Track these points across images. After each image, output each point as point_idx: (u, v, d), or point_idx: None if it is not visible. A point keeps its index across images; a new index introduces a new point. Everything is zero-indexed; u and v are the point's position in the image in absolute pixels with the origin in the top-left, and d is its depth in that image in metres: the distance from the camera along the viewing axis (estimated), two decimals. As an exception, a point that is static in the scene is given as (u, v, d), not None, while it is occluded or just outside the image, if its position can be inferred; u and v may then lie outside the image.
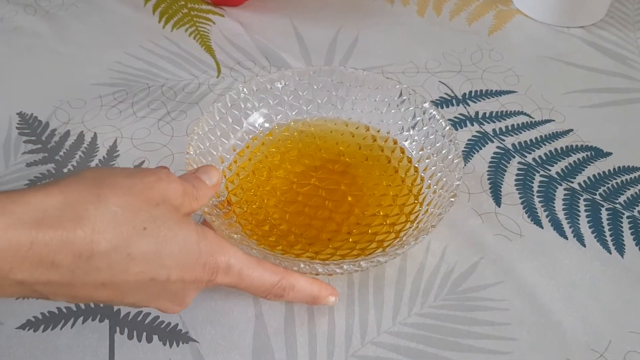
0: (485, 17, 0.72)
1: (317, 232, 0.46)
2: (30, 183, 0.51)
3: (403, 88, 0.51)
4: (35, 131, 0.56)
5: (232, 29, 0.69)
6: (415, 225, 0.45)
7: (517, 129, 0.57)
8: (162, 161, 0.53)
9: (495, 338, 0.42)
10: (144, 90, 0.61)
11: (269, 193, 0.48)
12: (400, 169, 0.50)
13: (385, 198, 0.48)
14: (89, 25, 0.70)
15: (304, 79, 0.52)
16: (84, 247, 0.31)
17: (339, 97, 0.53)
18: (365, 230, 0.46)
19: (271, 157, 0.50)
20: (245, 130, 0.51)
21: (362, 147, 0.52)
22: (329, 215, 0.47)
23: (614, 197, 0.51)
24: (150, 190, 0.34)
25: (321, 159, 0.51)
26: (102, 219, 0.32)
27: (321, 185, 0.49)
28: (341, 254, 0.44)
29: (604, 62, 0.66)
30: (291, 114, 0.53)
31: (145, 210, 0.33)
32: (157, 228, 0.34)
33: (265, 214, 0.47)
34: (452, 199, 0.43)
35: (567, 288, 0.45)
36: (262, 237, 0.45)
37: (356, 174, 0.50)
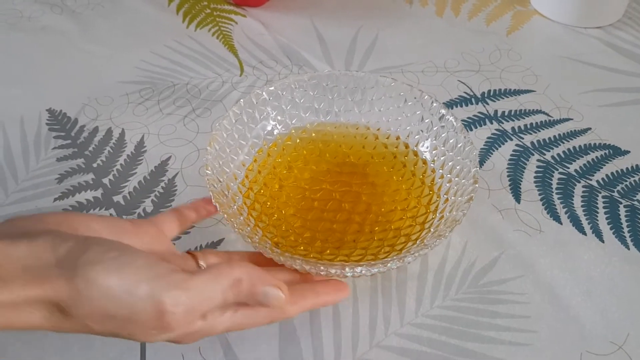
0: (503, 18, 0.73)
1: (341, 235, 0.46)
2: (60, 177, 0.53)
3: (413, 90, 0.51)
4: (65, 127, 0.58)
5: (254, 29, 0.71)
6: (440, 215, 0.46)
7: (535, 127, 0.58)
8: (189, 157, 0.55)
9: (516, 330, 0.43)
10: (170, 88, 0.62)
11: (285, 204, 0.48)
12: (407, 163, 0.51)
13: (399, 192, 0.49)
14: (114, 24, 0.71)
15: (302, 86, 0.52)
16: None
17: (335, 101, 0.53)
18: (387, 227, 0.46)
19: (279, 167, 0.51)
20: (251, 144, 0.51)
21: (366, 146, 0.52)
22: (348, 217, 0.47)
23: (632, 194, 0.52)
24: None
25: (327, 163, 0.51)
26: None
27: (334, 189, 0.49)
28: (372, 253, 0.45)
29: (621, 62, 0.66)
30: (292, 122, 0.53)
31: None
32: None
33: (287, 225, 0.47)
34: (476, 184, 0.44)
35: (586, 283, 0.46)
36: (292, 248, 0.45)
37: (365, 172, 0.50)
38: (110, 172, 0.53)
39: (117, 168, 0.54)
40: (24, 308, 0.32)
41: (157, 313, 0.32)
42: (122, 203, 0.51)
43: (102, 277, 0.32)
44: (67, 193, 0.51)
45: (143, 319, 0.32)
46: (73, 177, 0.53)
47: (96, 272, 0.32)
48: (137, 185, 0.52)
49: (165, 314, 0.32)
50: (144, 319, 0.32)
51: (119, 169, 0.54)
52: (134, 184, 0.52)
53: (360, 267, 0.40)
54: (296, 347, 0.42)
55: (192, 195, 0.51)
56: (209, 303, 0.34)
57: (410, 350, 0.42)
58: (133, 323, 0.32)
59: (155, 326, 0.32)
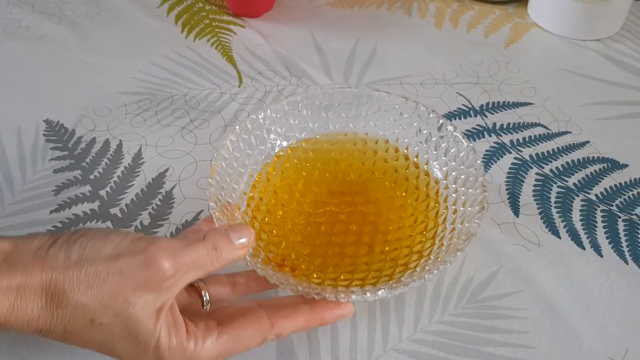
0: (501, 30, 0.73)
1: (352, 259, 0.45)
2: (57, 189, 0.53)
3: (401, 99, 0.51)
4: (62, 138, 0.57)
5: (253, 40, 0.71)
6: (451, 227, 0.45)
7: (534, 140, 0.58)
8: (187, 169, 0.54)
9: (515, 346, 0.43)
10: (168, 99, 0.62)
11: (291, 231, 0.47)
12: (409, 176, 0.50)
13: (404, 208, 0.48)
14: (113, 34, 0.71)
15: (294, 107, 0.51)
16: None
17: (330, 119, 0.52)
18: (398, 245, 0.45)
19: (280, 192, 0.49)
20: (250, 171, 0.50)
21: (365, 162, 0.51)
22: (357, 239, 0.46)
23: (630, 209, 0.52)
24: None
25: (328, 183, 0.50)
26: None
27: (339, 210, 0.48)
28: (387, 274, 0.43)
29: (620, 75, 0.66)
30: (288, 144, 0.52)
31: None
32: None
33: (296, 253, 0.45)
34: (485, 192, 0.44)
35: (585, 297, 0.46)
36: (305, 277, 0.44)
37: (367, 189, 0.49)
38: (108, 184, 0.53)
39: (115, 180, 0.53)
40: (18, 296, 0.32)
41: (146, 261, 0.34)
42: (119, 215, 0.50)
43: (90, 243, 0.34)
44: (64, 205, 0.51)
45: (133, 269, 0.33)
46: (70, 189, 0.53)
47: (85, 242, 0.34)
48: (134, 197, 0.52)
49: (154, 260, 0.34)
50: (134, 270, 0.33)
51: (116, 180, 0.53)
52: (131, 196, 0.52)
53: (381, 290, 0.39)
54: (294, 362, 0.42)
55: (189, 208, 0.51)
56: (193, 260, 0.35)
57: (408, 366, 0.42)
58: (124, 281, 0.33)
59: (146, 278, 0.33)
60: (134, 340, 0.34)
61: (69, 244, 0.34)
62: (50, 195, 0.52)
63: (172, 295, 0.35)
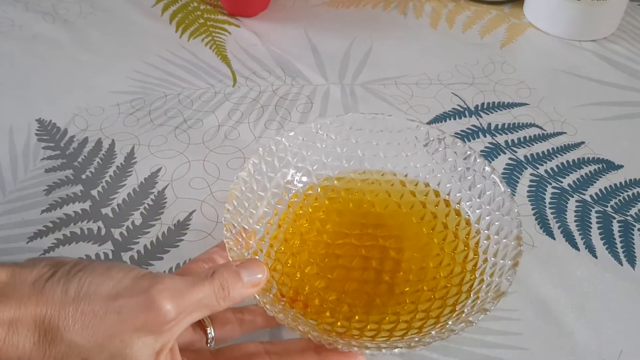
0: (497, 30, 0.73)
1: (369, 298, 0.42)
2: (48, 189, 0.52)
3: (437, 135, 0.48)
4: (54, 138, 0.57)
5: (247, 39, 0.70)
6: (480, 278, 0.41)
7: (529, 141, 0.58)
8: (179, 168, 0.54)
9: (508, 348, 0.42)
10: (161, 99, 0.62)
11: (307, 262, 0.44)
12: (438, 213, 0.46)
13: (430, 247, 0.45)
14: (107, 33, 0.71)
15: (326, 131, 0.49)
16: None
17: (359, 146, 0.49)
18: (419, 288, 0.42)
19: (299, 219, 0.47)
20: (271, 194, 0.47)
21: (392, 194, 0.48)
22: (375, 276, 0.43)
23: (625, 210, 0.52)
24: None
25: (351, 213, 0.47)
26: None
27: (359, 243, 0.45)
28: (405, 320, 0.40)
29: (615, 76, 0.66)
30: (313, 168, 0.49)
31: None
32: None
33: (310, 286, 0.43)
34: (520, 247, 0.40)
35: (579, 299, 0.45)
36: (317, 315, 0.41)
37: (391, 224, 0.46)
38: (99, 184, 0.53)
39: (106, 179, 0.53)
40: (10, 330, 0.31)
41: (147, 302, 0.32)
42: (111, 215, 0.50)
43: (89, 279, 0.32)
44: (55, 205, 0.51)
45: (133, 311, 0.32)
46: (61, 188, 0.52)
47: (85, 277, 0.32)
48: (126, 197, 0.52)
49: (155, 302, 0.32)
50: (133, 311, 0.32)
51: (108, 180, 0.53)
52: (123, 195, 0.52)
53: (397, 348, 0.36)
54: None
55: (182, 208, 0.51)
56: (198, 300, 0.34)
57: (400, 368, 0.41)
58: (122, 322, 0.32)
59: (145, 321, 0.32)
60: None
61: (67, 278, 0.32)
62: (42, 195, 0.52)
63: (173, 337, 0.33)
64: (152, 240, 0.48)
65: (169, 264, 0.47)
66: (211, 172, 0.54)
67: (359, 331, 0.40)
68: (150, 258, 0.47)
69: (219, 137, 0.57)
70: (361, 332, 0.40)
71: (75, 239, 0.48)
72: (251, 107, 0.61)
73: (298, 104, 0.61)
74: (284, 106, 0.61)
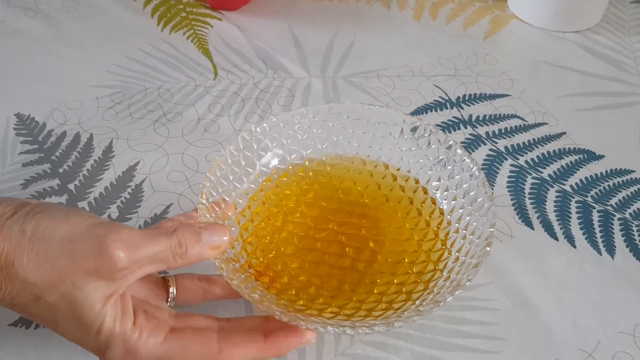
0: (480, 22, 0.72)
1: (339, 283, 0.42)
2: (25, 183, 0.52)
3: (424, 124, 0.48)
4: (32, 132, 0.57)
5: (230, 33, 0.70)
6: (446, 276, 0.41)
7: (510, 131, 0.57)
8: (158, 162, 0.54)
9: (484, 338, 0.42)
10: (141, 92, 0.61)
11: (285, 240, 0.45)
12: (423, 210, 0.46)
13: (409, 243, 0.45)
14: (88, 28, 0.71)
15: (319, 117, 0.49)
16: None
17: (355, 134, 0.50)
18: (390, 280, 0.42)
19: (286, 200, 0.47)
20: (258, 172, 0.48)
21: (382, 187, 0.48)
22: (350, 264, 0.44)
23: (605, 199, 0.52)
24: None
25: (339, 201, 0.47)
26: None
27: (340, 230, 0.45)
28: (367, 308, 0.41)
29: (598, 67, 0.66)
30: (306, 152, 0.49)
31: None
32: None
33: (283, 264, 0.43)
34: (487, 247, 0.40)
35: (557, 289, 0.45)
36: (282, 291, 0.42)
37: (377, 216, 0.46)
38: (77, 178, 0.52)
39: (84, 173, 0.53)
40: None
41: (99, 248, 0.33)
42: (88, 209, 0.50)
43: (47, 221, 0.34)
44: (32, 199, 0.50)
45: (85, 255, 0.33)
46: (38, 182, 0.52)
47: (42, 219, 0.34)
48: (103, 191, 0.51)
49: (107, 249, 0.33)
50: (85, 256, 0.33)
51: (85, 174, 0.53)
52: (100, 189, 0.51)
53: (343, 327, 0.37)
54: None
55: (159, 201, 0.50)
56: (153, 254, 0.34)
57: (376, 358, 0.41)
58: (74, 265, 0.33)
59: (96, 267, 0.33)
60: (78, 321, 0.34)
61: (26, 219, 0.34)
62: (18, 189, 0.51)
63: (124, 284, 0.34)
64: (128, 234, 0.48)
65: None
66: (190, 165, 0.54)
67: (317, 312, 0.40)
68: (126, 251, 0.47)
69: (199, 131, 0.57)
70: (320, 312, 0.40)
71: (51, 233, 0.48)
72: (232, 100, 0.60)
73: (279, 97, 0.61)
74: (265, 99, 0.61)
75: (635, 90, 0.63)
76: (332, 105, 0.50)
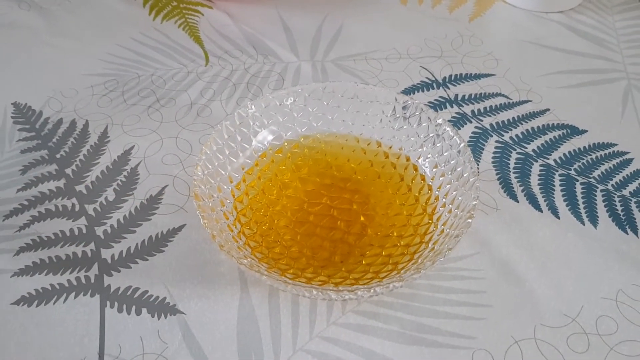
0: (466, 5, 0.74)
1: (329, 255, 0.44)
2: (24, 169, 0.53)
3: (415, 103, 0.50)
4: (29, 120, 0.58)
5: (220, 20, 0.71)
6: (431, 247, 0.43)
7: (495, 109, 0.59)
8: (152, 146, 0.55)
9: (471, 305, 0.44)
10: (134, 79, 0.62)
11: (280, 213, 0.46)
12: (413, 187, 0.48)
13: (398, 218, 0.47)
14: (81, 18, 0.72)
15: (314, 95, 0.51)
16: None
17: (349, 112, 0.52)
18: (379, 252, 0.45)
19: (281, 175, 0.49)
20: (254, 148, 0.50)
21: (374, 164, 0.50)
22: (341, 237, 0.46)
23: (588, 172, 0.53)
24: None
25: (332, 177, 0.49)
26: None
27: (333, 205, 0.47)
28: (355, 278, 0.43)
29: (581, 45, 0.67)
30: (301, 130, 0.51)
31: None
32: None
33: (276, 236, 0.45)
34: (469, 219, 0.42)
35: (541, 258, 0.47)
36: (273, 260, 0.44)
37: (368, 192, 0.48)
38: (73, 163, 0.54)
39: (80, 158, 0.54)
40: None
41: None
42: (84, 192, 0.51)
43: None
44: (30, 184, 0.52)
45: None
46: (36, 168, 0.53)
47: None
48: (99, 174, 0.53)
49: None
50: None
51: (82, 159, 0.54)
52: (97, 173, 0.53)
53: (328, 292, 0.39)
54: (254, 326, 0.43)
55: (154, 183, 0.52)
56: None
57: (366, 327, 0.43)
58: None
59: None
60: None
61: None
62: (17, 175, 0.53)
63: None
64: (124, 215, 0.49)
65: (141, 237, 0.48)
66: (183, 148, 0.55)
67: (306, 279, 0.42)
68: (123, 232, 0.48)
69: (192, 115, 0.58)
70: (309, 280, 0.42)
71: (50, 216, 0.49)
72: (223, 85, 0.62)
73: (270, 81, 0.62)
74: (256, 83, 0.62)
75: (617, 67, 0.64)
76: (327, 84, 0.51)
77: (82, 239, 0.48)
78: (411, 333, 0.42)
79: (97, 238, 0.48)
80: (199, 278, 0.45)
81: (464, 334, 0.42)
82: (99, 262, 0.46)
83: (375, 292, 0.39)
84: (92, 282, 0.45)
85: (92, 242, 0.48)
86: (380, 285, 0.39)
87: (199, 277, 0.45)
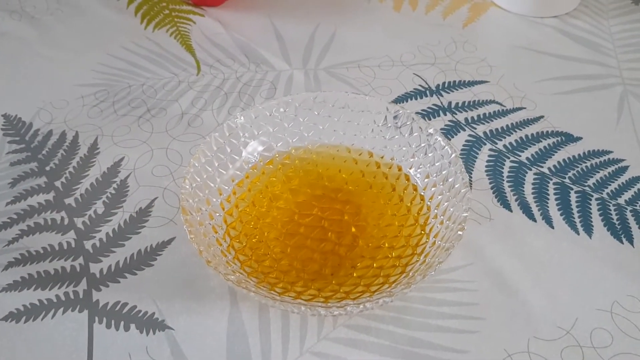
0: (460, 11, 0.73)
1: (319, 267, 0.44)
2: (13, 182, 0.53)
3: (406, 113, 0.49)
4: (19, 132, 0.58)
5: (212, 28, 0.71)
6: (422, 259, 0.43)
7: (488, 117, 0.58)
8: (142, 157, 0.54)
9: (464, 318, 0.43)
10: (125, 89, 0.62)
11: (270, 225, 0.46)
12: (405, 197, 0.48)
13: (390, 229, 0.46)
14: (73, 28, 0.71)
15: (305, 105, 0.51)
16: None
17: (341, 122, 0.51)
18: (370, 264, 0.44)
19: (272, 186, 0.48)
20: (244, 159, 0.49)
21: (366, 174, 0.49)
22: (332, 248, 0.45)
23: (583, 180, 0.52)
24: None
25: (324, 188, 0.49)
26: None
27: (324, 216, 0.47)
28: (345, 291, 0.42)
29: (576, 50, 0.67)
30: (292, 141, 0.51)
31: None
32: None
33: (266, 248, 0.44)
34: (460, 232, 0.41)
35: (535, 268, 0.46)
36: (262, 274, 0.43)
37: (360, 202, 0.48)
38: (63, 175, 0.53)
39: (70, 170, 0.54)
40: None
41: None
42: (74, 205, 0.51)
43: None
44: (20, 197, 0.51)
45: None
46: (26, 180, 0.53)
47: None
48: (89, 187, 0.52)
49: None
50: None
51: (72, 171, 0.54)
52: (86, 185, 0.52)
53: (316, 308, 0.38)
54: (244, 342, 0.42)
55: (144, 196, 0.51)
56: None
57: (358, 341, 0.42)
58: None
59: None
60: None
61: None
62: (7, 188, 0.52)
63: None
64: (113, 228, 0.49)
65: (130, 250, 0.47)
66: (174, 159, 0.54)
67: (296, 294, 0.41)
68: (112, 245, 0.48)
69: (182, 125, 0.58)
70: (298, 295, 0.41)
71: (39, 229, 0.49)
72: (215, 95, 0.61)
73: (262, 90, 0.62)
74: (248, 92, 0.62)
75: (612, 72, 0.64)
76: (318, 94, 0.51)
77: (71, 253, 0.47)
78: (403, 347, 0.42)
79: (85, 252, 0.47)
80: (188, 292, 0.45)
81: (457, 347, 0.42)
82: (88, 277, 0.46)
83: (364, 308, 0.39)
84: (80, 297, 0.45)
85: (81, 256, 0.47)
86: (370, 300, 0.38)
87: (188, 291, 0.45)
